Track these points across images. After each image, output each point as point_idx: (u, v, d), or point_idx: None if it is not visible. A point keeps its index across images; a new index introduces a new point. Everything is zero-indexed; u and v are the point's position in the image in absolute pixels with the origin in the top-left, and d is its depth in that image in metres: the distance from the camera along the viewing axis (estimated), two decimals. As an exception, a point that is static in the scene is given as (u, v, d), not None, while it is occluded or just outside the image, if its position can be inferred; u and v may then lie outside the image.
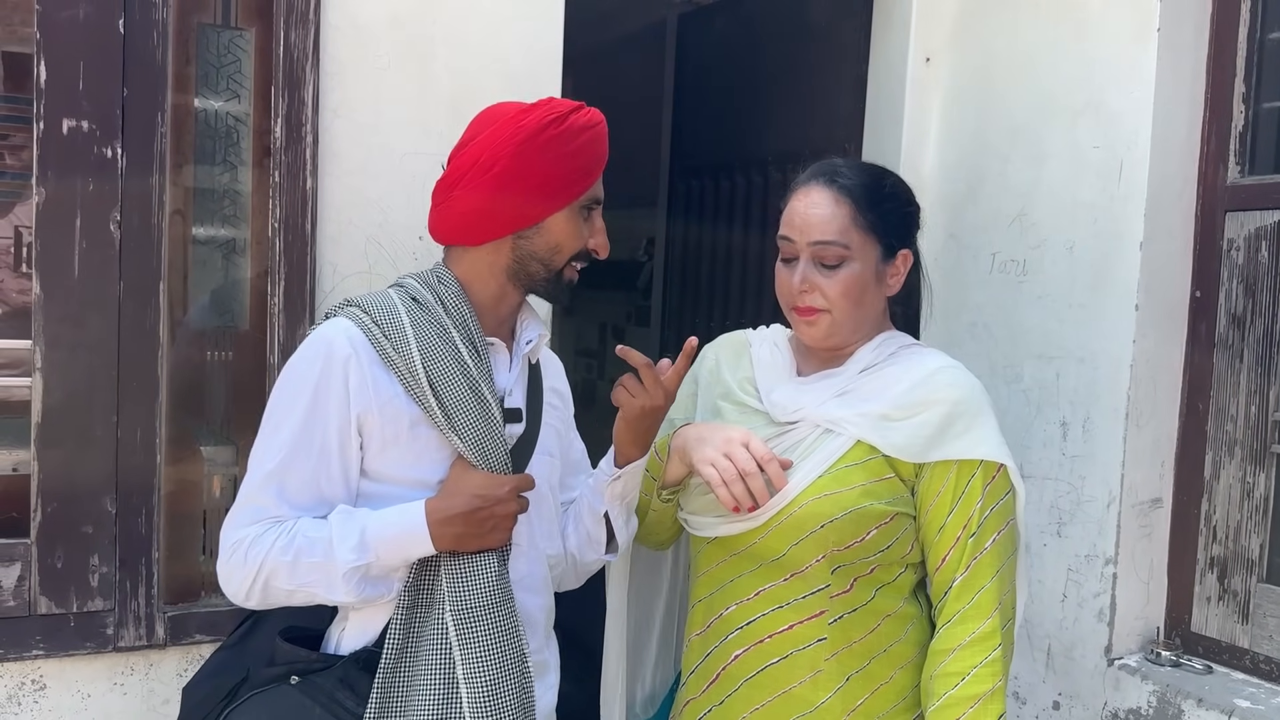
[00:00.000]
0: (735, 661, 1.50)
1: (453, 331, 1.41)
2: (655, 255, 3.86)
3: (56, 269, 1.78)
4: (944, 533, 1.46)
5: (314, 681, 1.37)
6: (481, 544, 1.39)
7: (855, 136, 2.59)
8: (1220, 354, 2.01)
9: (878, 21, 2.54)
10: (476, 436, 1.39)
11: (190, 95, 1.93)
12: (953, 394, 1.47)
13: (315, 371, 1.37)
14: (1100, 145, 2.06)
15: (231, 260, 2.00)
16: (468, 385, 1.39)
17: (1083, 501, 2.07)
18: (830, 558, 1.44)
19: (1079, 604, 2.08)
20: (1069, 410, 2.10)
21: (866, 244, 1.50)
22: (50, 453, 1.79)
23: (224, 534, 1.39)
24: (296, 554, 1.34)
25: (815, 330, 1.52)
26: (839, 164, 1.56)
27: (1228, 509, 2.00)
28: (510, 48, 2.07)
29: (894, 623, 1.49)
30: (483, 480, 1.38)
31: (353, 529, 1.35)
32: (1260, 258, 1.95)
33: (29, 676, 1.82)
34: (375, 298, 1.44)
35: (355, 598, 1.36)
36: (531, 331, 1.52)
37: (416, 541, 1.36)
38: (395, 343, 1.38)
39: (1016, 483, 1.49)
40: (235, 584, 1.37)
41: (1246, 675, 1.95)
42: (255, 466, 1.38)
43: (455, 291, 1.45)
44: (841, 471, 1.45)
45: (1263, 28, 1.99)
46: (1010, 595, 1.47)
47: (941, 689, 1.43)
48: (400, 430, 1.39)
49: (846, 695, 1.46)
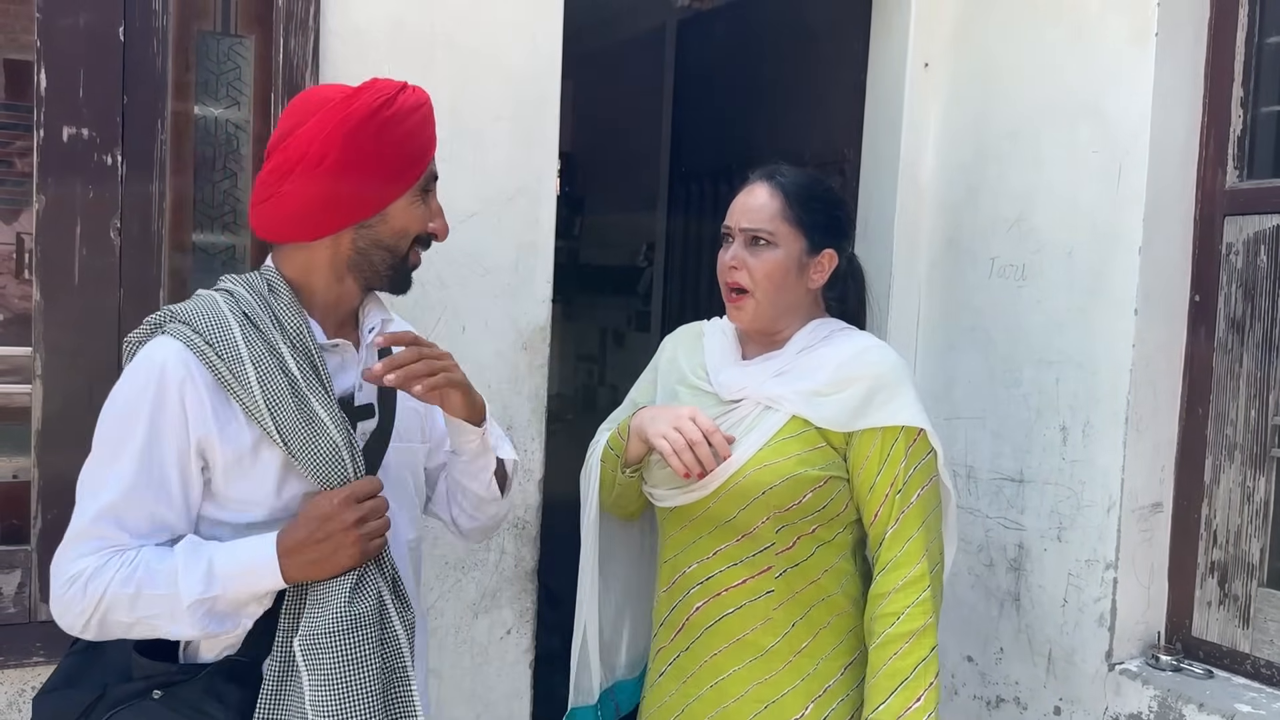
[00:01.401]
0: (697, 612, 1.71)
1: (283, 349, 1.34)
2: (655, 260, 3.87)
3: (57, 276, 1.79)
4: (874, 491, 1.66)
5: (177, 694, 1.31)
6: (335, 567, 1.32)
7: (854, 141, 2.59)
8: (1220, 358, 2.01)
9: (876, 27, 2.54)
10: (310, 459, 1.33)
11: (190, 102, 1.93)
12: (875, 370, 1.66)
13: (149, 398, 1.30)
14: (1099, 150, 2.06)
15: (231, 267, 2.01)
16: (297, 406, 1.33)
17: (1083, 506, 2.07)
18: (774, 519, 1.65)
19: (1079, 609, 2.08)
20: (1069, 415, 2.10)
21: (791, 235, 1.69)
22: (51, 459, 1.80)
23: (58, 565, 1.31)
24: (138, 586, 1.27)
25: (742, 314, 1.72)
26: (781, 167, 1.76)
27: (1228, 513, 2.00)
28: (510, 54, 2.08)
29: (831, 576, 1.70)
30: (317, 502, 1.32)
31: (199, 560, 1.29)
32: (1259, 262, 1.95)
33: (29, 683, 1.82)
34: (203, 312, 1.35)
35: (198, 632, 1.29)
36: (373, 319, 1.48)
37: (264, 574, 1.30)
38: (230, 364, 1.31)
39: (936, 445, 1.67)
40: (71, 617, 1.30)
41: (1247, 680, 1.95)
42: (90, 497, 1.31)
43: (289, 302, 1.38)
44: (779, 443, 1.65)
45: (1261, 32, 1.99)
46: (937, 543, 1.68)
47: (880, 628, 1.63)
48: (243, 453, 1.33)
49: (791, 639, 1.67)
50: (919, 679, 1.59)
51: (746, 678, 1.68)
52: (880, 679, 1.61)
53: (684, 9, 3.37)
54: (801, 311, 1.74)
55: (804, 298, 1.74)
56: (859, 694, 1.68)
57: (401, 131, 1.37)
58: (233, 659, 1.33)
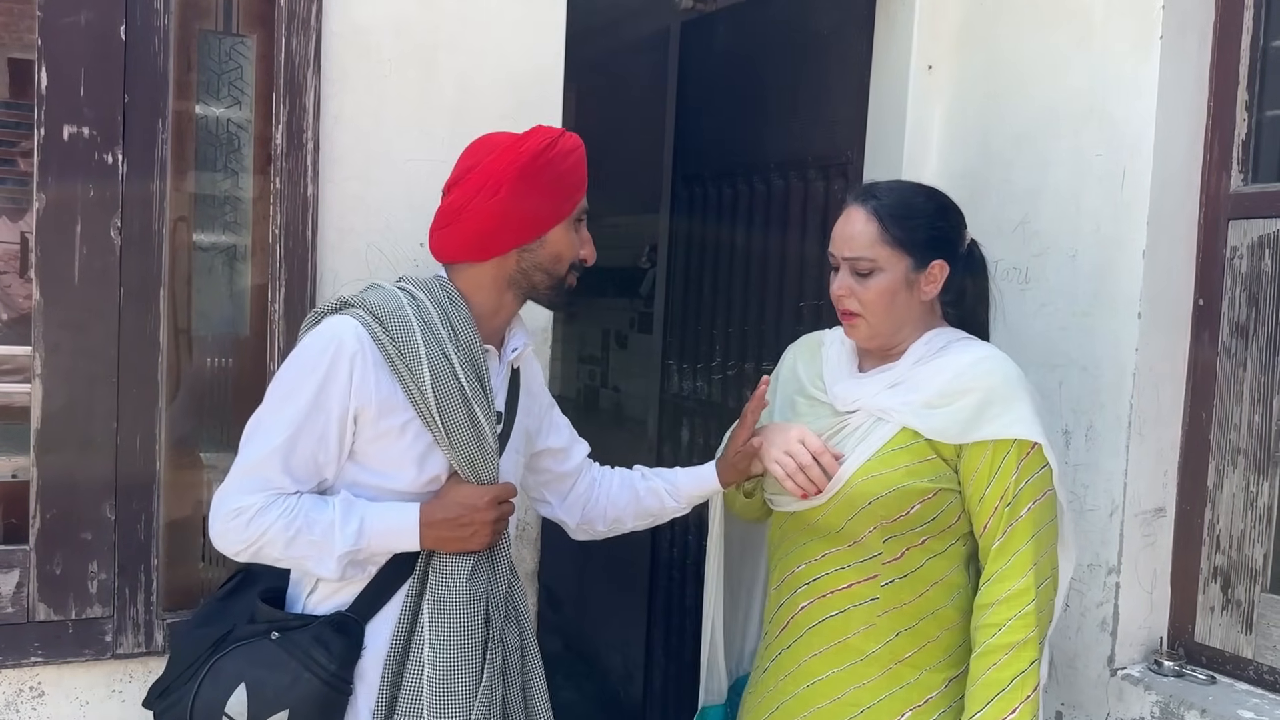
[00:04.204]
0: (801, 612, 1.74)
1: (454, 358, 1.55)
2: (658, 262, 3.86)
3: (57, 275, 1.78)
4: (983, 503, 1.65)
5: (291, 638, 1.54)
6: (463, 547, 1.58)
7: (858, 144, 2.58)
8: (1224, 362, 2.01)
9: (880, 29, 2.54)
10: (469, 456, 1.57)
11: (191, 102, 1.93)
12: (988, 381, 1.66)
13: (325, 361, 1.51)
14: (1103, 153, 2.05)
15: (233, 267, 2.01)
16: (466, 412, 1.55)
17: (1085, 510, 2.06)
18: (881, 529, 1.66)
19: (1081, 613, 2.07)
20: (1071, 419, 2.09)
21: (894, 257, 1.69)
22: (50, 459, 1.80)
23: (224, 496, 1.52)
24: (297, 531, 1.50)
25: (856, 333, 1.75)
26: (877, 186, 1.77)
27: (1231, 518, 1.99)
28: (512, 54, 2.07)
29: (942, 589, 1.69)
30: (469, 491, 1.58)
31: (353, 517, 1.52)
32: (1264, 266, 1.95)
33: (27, 684, 1.82)
34: (387, 304, 1.56)
35: (338, 575, 1.53)
36: (518, 341, 1.71)
37: (406, 537, 1.55)
38: (403, 353, 1.53)
39: (1051, 459, 1.65)
40: (229, 543, 1.53)
41: (1250, 686, 1.94)
42: (260, 437, 1.53)
43: (466, 316, 1.60)
44: (888, 455, 1.66)
45: (1265, 36, 1.98)
46: (1048, 558, 1.66)
47: (981, 638, 1.63)
48: (392, 428, 1.54)
49: (894, 647, 1.68)
50: (1016, 691, 1.58)
51: (844, 681, 1.69)
52: (978, 688, 1.61)
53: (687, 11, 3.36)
54: (918, 322, 1.75)
55: (918, 309, 1.74)
56: (962, 707, 1.66)
57: (561, 169, 1.60)
58: (343, 614, 1.56)
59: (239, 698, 1.50)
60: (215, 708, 1.51)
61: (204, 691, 1.53)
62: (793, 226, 2.78)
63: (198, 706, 1.52)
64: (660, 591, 3.33)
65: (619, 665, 4.13)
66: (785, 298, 2.78)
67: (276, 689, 1.50)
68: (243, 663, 1.53)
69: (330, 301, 1.61)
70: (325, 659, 1.52)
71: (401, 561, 1.57)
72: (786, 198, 2.83)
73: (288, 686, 1.50)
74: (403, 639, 1.56)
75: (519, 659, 1.66)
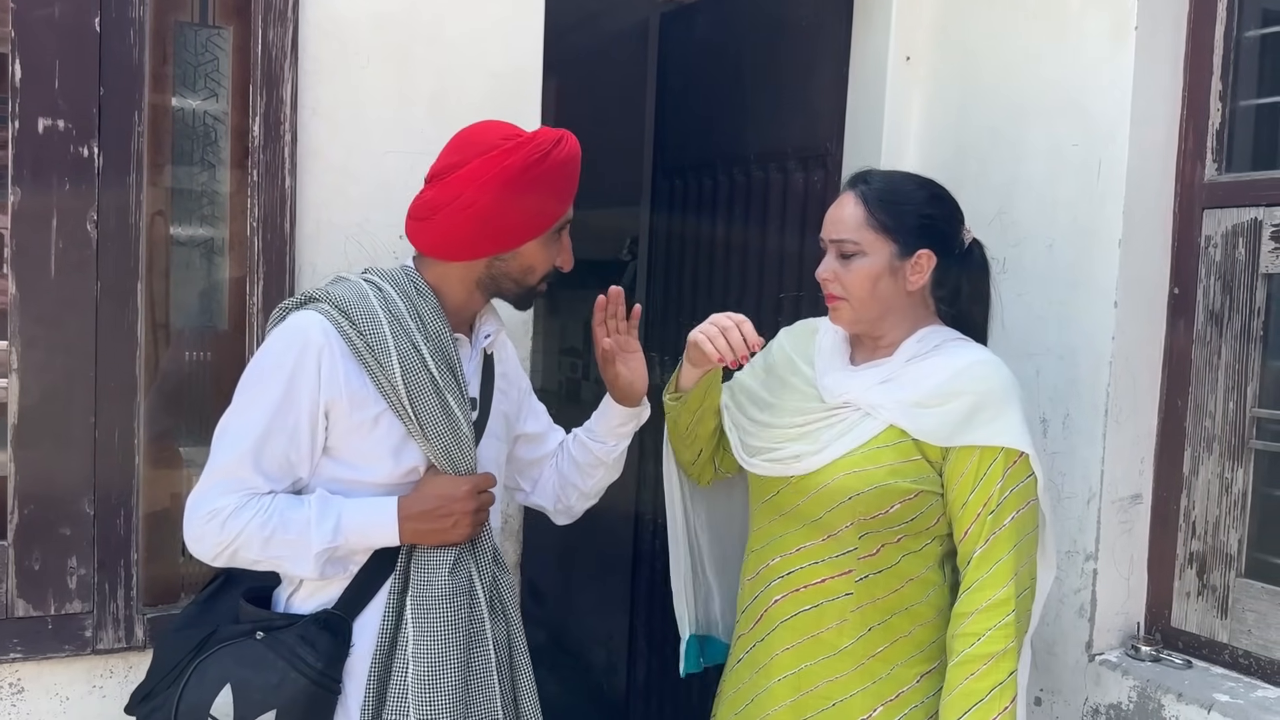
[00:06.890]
0: (775, 605, 1.73)
1: (424, 348, 1.53)
2: (639, 254, 3.86)
3: (33, 269, 1.77)
4: (966, 509, 1.63)
5: (277, 637, 1.52)
6: (444, 539, 1.55)
7: (837, 135, 2.59)
8: (1199, 350, 2.03)
9: (858, 20, 2.55)
10: (445, 446, 1.55)
11: (168, 94, 1.91)
12: (983, 386, 1.64)
13: (291, 357, 1.49)
14: (1079, 144, 2.07)
15: (210, 260, 1.99)
16: (439, 401, 1.53)
17: (1063, 498, 2.08)
18: (858, 525, 1.65)
19: (1059, 600, 2.09)
20: (1049, 407, 2.11)
21: (878, 242, 1.68)
22: (27, 454, 1.78)
23: (199, 499, 1.50)
24: (273, 530, 1.48)
25: (838, 317, 1.73)
26: (872, 173, 1.76)
27: (1207, 504, 2.01)
28: (491, 46, 2.07)
29: (916, 586, 1.69)
30: (446, 482, 1.56)
31: (329, 514, 1.50)
32: (1238, 254, 1.97)
33: (6, 680, 1.81)
34: (352, 297, 1.53)
35: (316, 574, 1.52)
36: (489, 327, 1.68)
37: (384, 531, 1.53)
38: (370, 345, 1.50)
39: (1037, 469, 1.64)
40: (206, 547, 1.51)
41: (1226, 670, 1.97)
42: (231, 440, 1.51)
43: (434, 307, 1.57)
44: (872, 451, 1.65)
45: (1239, 26, 2.00)
46: (1028, 568, 1.64)
47: (960, 647, 1.61)
48: (364, 420, 1.52)
49: (867, 643, 1.67)
50: (994, 702, 1.57)
51: (816, 675, 1.69)
52: (955, 697, 1.60)
53: (667, 3, 3.36)
54: (905, 314, 1.73)
55: (904, 300, 1.71)
56: (935, 703, 1.66)
57: (548, 185, 1.55)
58: (328, 612, 1.54)
59: (224, 699, 1.48)
60: (200, 710, 1.49)
61: (188, 694, 1.50)
62: (772, 218, 2.79)
63: (182, 710, 1.50)
64: (643, 583, 3.34)
65: (602, 658, 4.13)
66: (765, 289, 2.79)
67: (263, 689, 1.48)
68: (228, 663, 1.51)
69: (295, 297, 1.59)
70: (312, 657, 1.50)
71: (383, 557, 1.55)
72: (766, 189, 2.83)
73: (274, 686, 1.48)
74: (389, 635, 1.54)
75: (507, 653, 1.63)
